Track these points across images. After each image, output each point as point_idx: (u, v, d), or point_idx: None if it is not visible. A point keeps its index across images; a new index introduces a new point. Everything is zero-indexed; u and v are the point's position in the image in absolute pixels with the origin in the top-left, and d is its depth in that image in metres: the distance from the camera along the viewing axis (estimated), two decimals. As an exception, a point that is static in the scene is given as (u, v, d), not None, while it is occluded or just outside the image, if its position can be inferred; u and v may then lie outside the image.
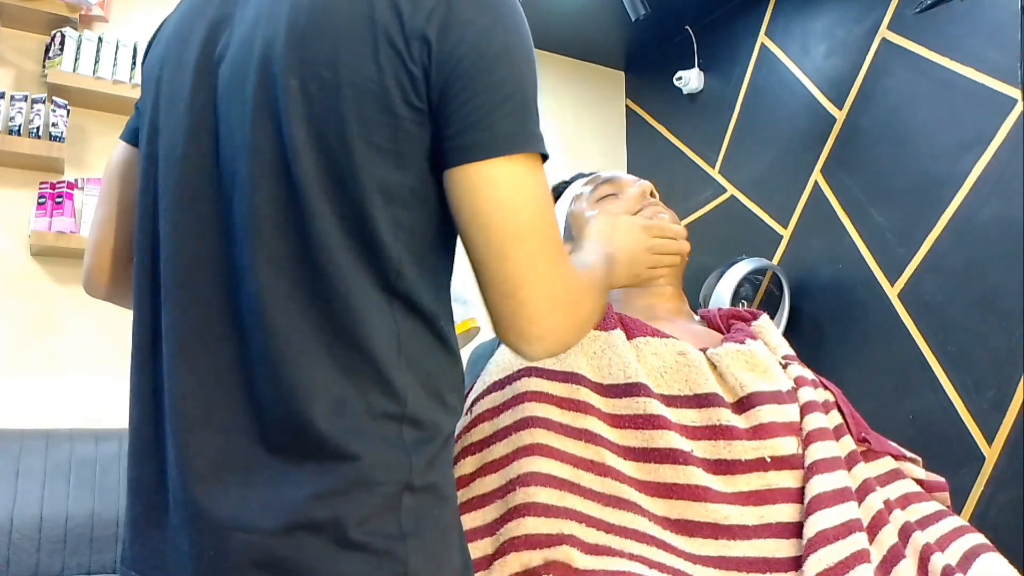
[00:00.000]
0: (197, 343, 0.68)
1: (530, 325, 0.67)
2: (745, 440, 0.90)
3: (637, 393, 0.90)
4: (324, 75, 0.64)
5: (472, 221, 0.66)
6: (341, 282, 0.64)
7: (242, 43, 0.70)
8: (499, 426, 0.88)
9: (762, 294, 2.65)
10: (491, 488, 0.84)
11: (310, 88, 0.64)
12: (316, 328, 0.64)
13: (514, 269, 0.66)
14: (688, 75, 3.08)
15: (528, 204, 0.66)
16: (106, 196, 0.88)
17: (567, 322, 0.70)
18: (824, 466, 0.89)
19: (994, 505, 1.94)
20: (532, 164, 0.67)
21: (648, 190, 1.16)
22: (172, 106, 0.75)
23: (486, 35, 0.65)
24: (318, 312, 0.64)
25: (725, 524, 0.84)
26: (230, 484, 0.64)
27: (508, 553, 0.77)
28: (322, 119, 0.64)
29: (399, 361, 0.65)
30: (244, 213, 0.66)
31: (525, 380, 0.91)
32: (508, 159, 0.65)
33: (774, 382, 0.98)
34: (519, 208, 0.66)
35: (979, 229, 2.06)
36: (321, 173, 0.64)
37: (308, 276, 0.65)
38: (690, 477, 0.86)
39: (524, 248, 0.66)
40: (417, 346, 0.67)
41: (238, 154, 0.68)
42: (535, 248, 0.66)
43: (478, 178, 0.65)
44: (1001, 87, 2.05)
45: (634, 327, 0.98)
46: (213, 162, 0.71)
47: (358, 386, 0.64)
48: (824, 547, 0.81)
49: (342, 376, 0.64)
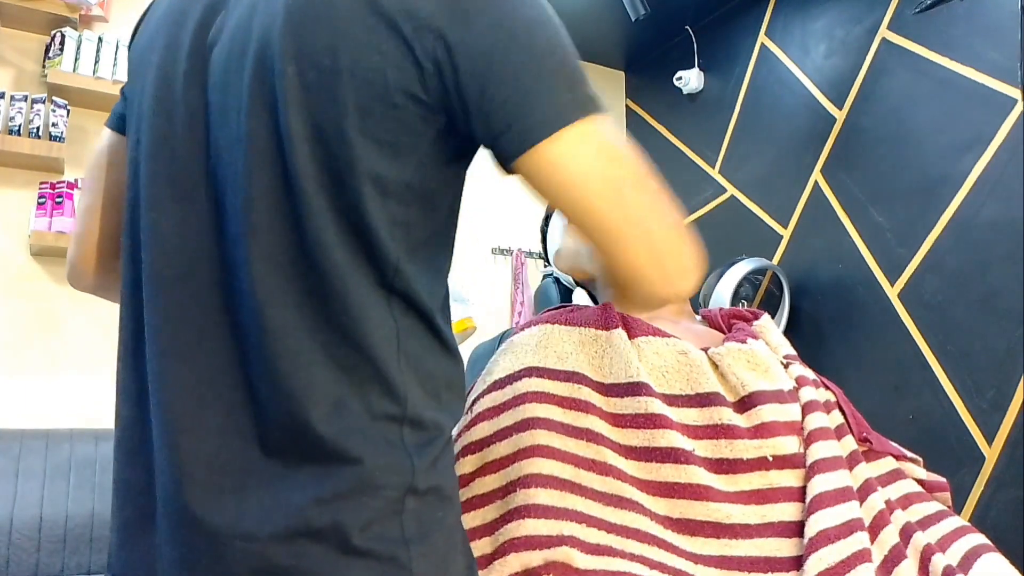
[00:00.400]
0: (189, 342, 0.65)
1: (667, 279, 0.68)
2: (747, 439, 0.90)
3: (639, 392, 0.90)
4: (323, 62, 0.61)
5: (566, 207, 0.65)
6: (338, 279, 0.62)
7: (238, 28, 0.67)
8: (500, 426, 0.88)
9: (762, 294, 2.65)
10: (491, 488, 0.84)
11: (308, 76, 0.61)
12: (313, 326, 0.62)
13: (622, 246, 0.65)
14: (688, 75, 3.08)
15: (606, 165, 0.64)
16: (90, 185, 0.84)
17: (692, 249, 0.70)
18: (825, 465, 0.89)
19: (994, 505, 1.94)
20: (592, 126, 0.64)
21: None
22: (163, 92, 0.71)
23: (505, 20, 0.62)
24: (315, 310, 0.62)
25: (727, 523, 0.84)
26: (226, 489, 0.62)
27: (508, 553, 0.77)
28: (319, 108, 0.61)
29: (398, 360, 0.64)
30: (239, 207, 0.64)
31: (526, 380, 0.91)
32: (567, 129, 0.62)
33: (775, 381, 0.97)
34: (599, 175, 0.64)
35: (979, 229, 2.06)
36: (318, 165, 0.62)
37: (304, 272, 0.62)
38: (692, 476, 0.85)
39: (627, 210, 0.65)
40: (416, 345, 0.66)
41: (234, 145, 0.65)
42: (637, 202, 0.66)
43: (547, 161, 0.62)
44: (1001, 87, 2.05)
45: (636, 326, 0.98)
46: (205, 153, 0.68)
47: (357, 386, 0.62)
48: (825, 546, 0.81)
49: (341, 376, 0.62)
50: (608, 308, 1.01)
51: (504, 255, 3.15)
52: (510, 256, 3.16)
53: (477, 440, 0.88)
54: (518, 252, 3.14)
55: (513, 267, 3.13)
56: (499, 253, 3.14)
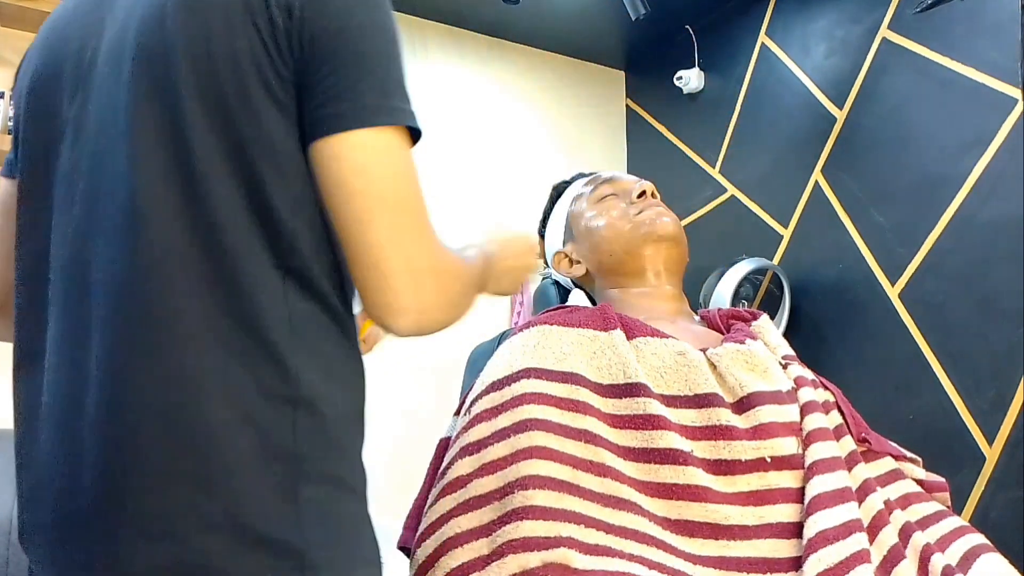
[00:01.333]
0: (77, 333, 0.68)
1: (395, 297, 0.66)
2: (745, 440, 0.89)
3: (637, 393, 0.90)
4: (211, 50, 0.65)
5: (335, 191, 0.66)
6: (232, 260, 0.64)
7: (116, 38, 0.70)
8: (497, 427, 0.88)
9: (762, 294, 2.65)
10: (489, 489, 0.84)
11: (199, 64, 0.65)
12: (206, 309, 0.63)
13: (376, 237, 0.65)
14: (688, 75, 3.07)
15: (392, 174, 0.66)
16: None
17: (434, 298, 0.68)
18: (824, 466, 0.89)
19: (995, 506, 1.93)
20: (398, 138, 0.67)
21: (649, 190, 1.16)
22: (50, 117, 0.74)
23: (348, 9, 0.66)
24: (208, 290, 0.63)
25: (725, 524, 0.84)
26: None
27: (506, 555, 0.77)
28: (213, 92, 0.64)
29: (291, 341, 0.64)
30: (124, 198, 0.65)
31: (524, 382, 0.91)
32: (373, 130, 0.65)
33: (774, 382, 0.97)
34: (382, 177, 0.66)
35: (980, 229, 2.06)
36: (218, 148, 0.64)
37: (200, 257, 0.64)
38: (690, 477, 0.85)
39: (386, 217, 0.65)
40: (312, 328, 0.67)
41: (115, 143, 0.67)
42: (398, 218, 0.66)
43: (341, 148, 0.65)
44: (1001, 87, 2.05)
45: (634, 327, 0.98)
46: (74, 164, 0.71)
47: (248, 367, 0.63)
48: (824, 547, 0.81)
49: (231, 357, 0.63)
50: (606, 309, 1.01)
51: (504, 255, 3.15)
52: (510, 256, 3.16)
53: (475, 441, 0.88)
54: (518, 252, 3.14)
55: (513, 267, 3.13)
56: (499, 253, 3.14)
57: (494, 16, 3.02)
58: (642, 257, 1.12)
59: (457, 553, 0.80)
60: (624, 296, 1.12)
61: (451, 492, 0.85)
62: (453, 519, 0.83)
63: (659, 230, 1.11)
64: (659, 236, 1.11)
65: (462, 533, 0.81)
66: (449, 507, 0.84)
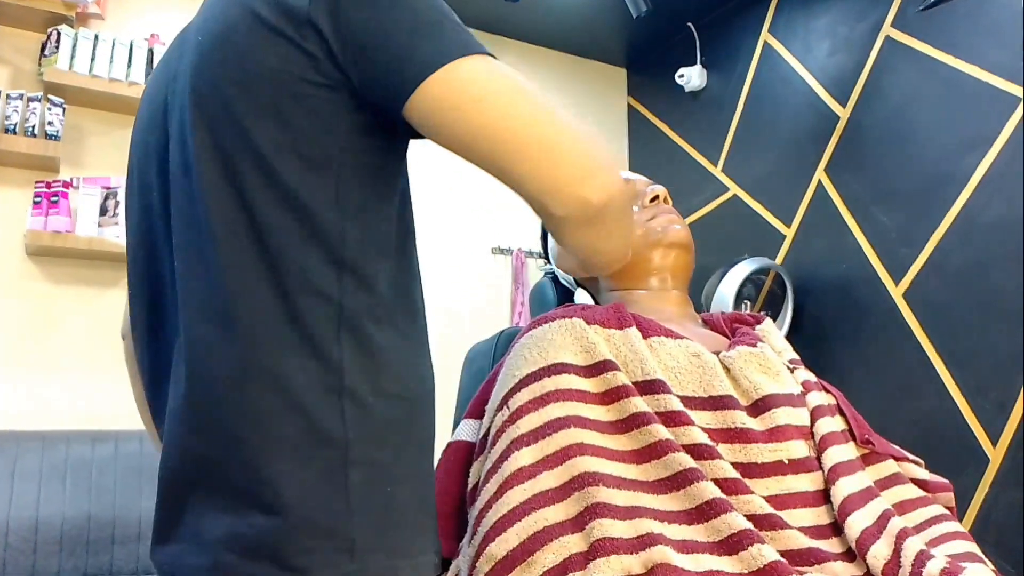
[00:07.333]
0: None
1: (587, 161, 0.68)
2: (761, 443, 0.89)
3: (657, 390, 0.90)
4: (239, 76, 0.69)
5: (455, 139, 0.68)
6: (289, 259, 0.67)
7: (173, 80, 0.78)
8: (549, 416, 0.86)
9: (765, 294, 2.64)
10: (562, 481, 0.81)
11: (228, 91, 0.69)
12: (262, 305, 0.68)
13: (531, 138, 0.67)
14: (690, 72, 3.06)
15: (491, 83, 0.68)
16: None
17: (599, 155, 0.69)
18: (845, 469, 0.90)
19: (998, 506, 1.92)
20: (472, 63, 0.67)
21: (663, 195, 1.14)
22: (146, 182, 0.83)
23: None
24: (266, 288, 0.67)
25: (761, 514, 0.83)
26: None
27: (609, 554, 0.75)
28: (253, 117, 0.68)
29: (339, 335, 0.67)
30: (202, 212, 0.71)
31: (557, 377, 0.90)
32: (444, 70, 0.66)
33: (786, 385, 0.97)
34: (482, 97, 0.67)
35: (983, 228, 2.04)
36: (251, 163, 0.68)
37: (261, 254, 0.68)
38: (723, 471, 0.85)
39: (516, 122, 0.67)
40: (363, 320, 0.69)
41: (188, 170, 0.72)
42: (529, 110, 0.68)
43: (426, 100, 0.66)
44: (1005, 85, 2.04)
45: (648, 327, 0.98)
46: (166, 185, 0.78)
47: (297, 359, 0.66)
48: (873, 543, 0.83)
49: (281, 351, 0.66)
50: (620, 308, 1.00)
51: (504, 255, 3.14)
52: (510, 256, 3.14)
53: (528, 432, 0.85)
54: (518, 252, 3.12)
55: (513, 267, 3.12)
56: (499, 253, 3.12)
57: (495, 13, 3.01)
58: (652, 262, 1.10)
59: (554, 547, 0.77)
60: (630, 298, 1.11)
61: (517, 483, 0.82)
62: (535, 511, 0.80)
63: (671, 238, 1.10)
64: (670, 243, 1.10)
65: (555, 525, 0.79)
66: (522, 498, 0.81)
